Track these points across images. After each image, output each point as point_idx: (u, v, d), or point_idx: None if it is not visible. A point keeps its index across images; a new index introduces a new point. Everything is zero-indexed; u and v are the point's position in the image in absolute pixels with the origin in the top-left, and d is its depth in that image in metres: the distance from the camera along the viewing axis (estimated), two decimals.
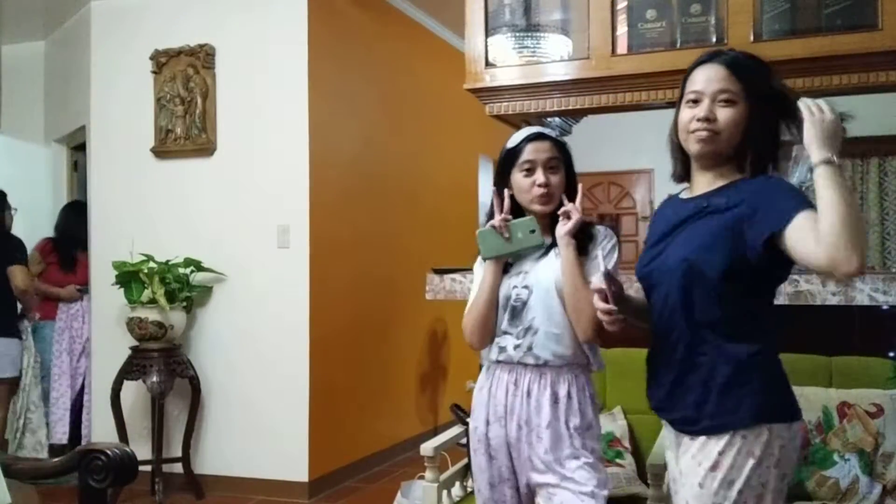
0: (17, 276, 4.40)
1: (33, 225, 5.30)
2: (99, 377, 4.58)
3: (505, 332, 1.99)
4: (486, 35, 3.12)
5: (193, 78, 4.43)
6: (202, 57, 4.41)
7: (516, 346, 1.96)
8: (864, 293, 2.44)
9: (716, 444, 1.59)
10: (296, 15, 4.28)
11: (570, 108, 3.10)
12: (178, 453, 4.30)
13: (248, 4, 4.40)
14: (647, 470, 2.34)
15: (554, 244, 1.97)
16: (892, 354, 2.59)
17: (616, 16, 2.94)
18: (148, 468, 4.14)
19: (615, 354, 2.83)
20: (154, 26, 4.55)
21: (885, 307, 2.52)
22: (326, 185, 4.39)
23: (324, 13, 4.40)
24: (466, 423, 2.71)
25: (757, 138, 1.65)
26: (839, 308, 2.48)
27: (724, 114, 1.63)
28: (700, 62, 1.70)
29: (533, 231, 1.96)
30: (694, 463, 1.62)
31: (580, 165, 2.09)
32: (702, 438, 1.61)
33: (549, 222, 2.01)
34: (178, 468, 4.30)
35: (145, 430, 4.38)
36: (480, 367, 2.10)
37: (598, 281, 1.71)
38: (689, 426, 1.64)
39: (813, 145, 1.48)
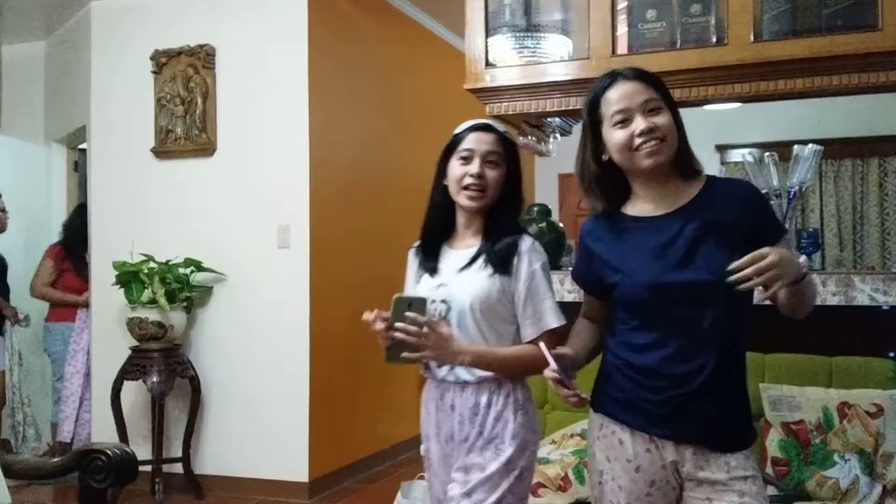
0: None
1: (33, 225, 5.30)
2: (99, 377, 4.58)
3: None
4: (487, 35, 3.12)
5: (194, 78, 4.43)
6: (202, 57, 4.41)
7: (440, 365, 1.89)
8: (865, 293, 2.44)
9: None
10: (296, 15, 4.28)
11: (571, 108, 3.10)
12: (179, 453, 4.31)
13: (248, 5, 4.40)
14: None
15: (478, 256, 1.88)
16: (892, 354, 2.59)
17: (616, 16, 2.94)
18: (148, 468, 4.14)
19: None
20: (154, 26, 4.55)
21: (885, 307, 2.52)
22: (327, 185, 4.39)
23: (324, 13, 4.40)
24: None
25: (686, 138, 1.69)
26: (839, 308, 2.48)
27: (661, 121, 1.63)
28: (603, 87, 1.70)
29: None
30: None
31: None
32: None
33: (478, 220, 1.92)
34: (178, 468, 4.31)
35: (146, 430, 4.39)
36: None
37: (546, 354, 1.61)
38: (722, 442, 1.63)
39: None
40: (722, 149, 7.03)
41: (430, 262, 1.97)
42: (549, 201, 4.18)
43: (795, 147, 2.78)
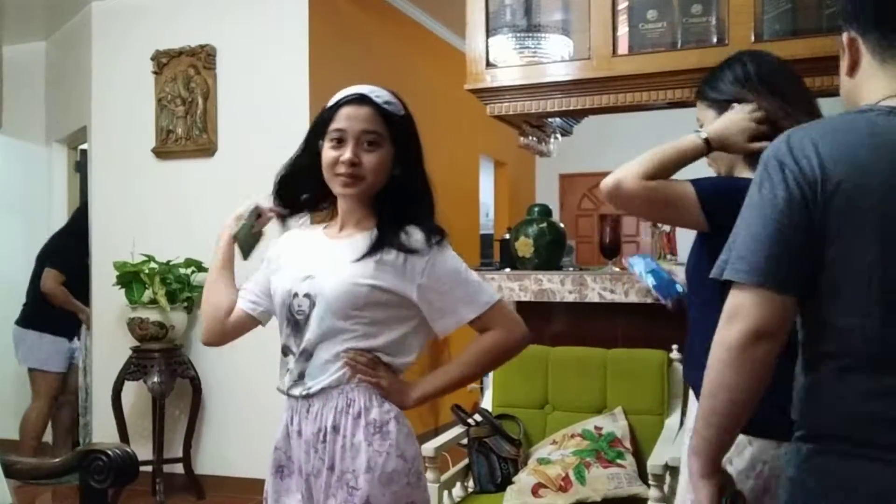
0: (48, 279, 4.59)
1: (33, 225, 5.30)
2: (100, 378, 4.58)
3: (286, 348, 1.70)
4: (487, 35, 3.13)
5: (194, 78, 4.43)
6: (203, 57, 4.41)
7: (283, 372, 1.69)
8: None
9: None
10: (297, 15, 4.28)
11: (571, 108, 3.10)
12: (179, 454, 4.31)
13: (249, 5, 4.40)
14: (647, 470, 2.34)
15: (364, 248, 1.60)
16: None
17: (617, 16, 2.94)
18: (149, 468, 4.14)
19: (616, 354, 2.84)
20: (155, 27, 4.55)
21: None
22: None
23: (325, 14, 4.41)
24: (468, 424, 2.73)
25: None
26: None
27: None
28: None
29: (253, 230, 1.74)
30: None
31: (581, 165, 2.05)
32: None
33: (362, 208, 1.65)
34: (178, 468, 4.31)
35: (146, 430, 4.39)
36: None
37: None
38: None
39: None
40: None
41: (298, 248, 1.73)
42: (550, 201, 4.20)
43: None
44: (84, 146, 5.03)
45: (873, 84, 1.26)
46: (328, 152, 1.62)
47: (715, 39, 2.85)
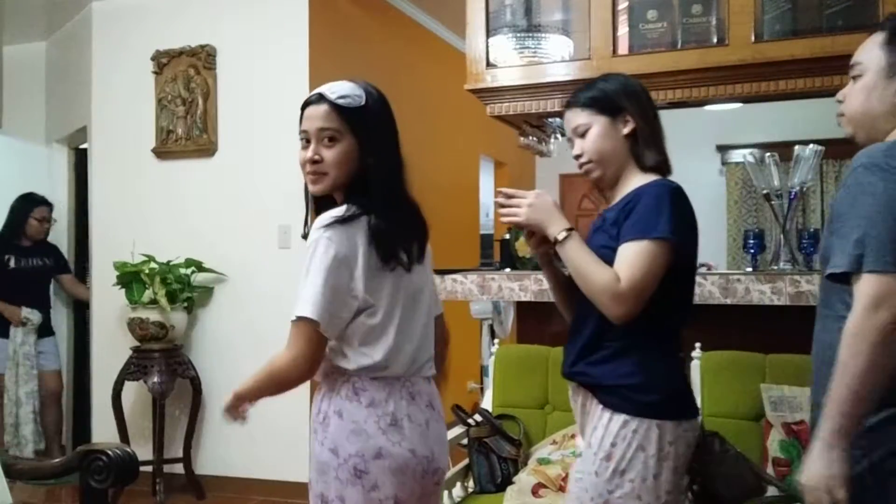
0: None
1: None
2: (100, 378, 4.58)
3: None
4: (487, 35, 3.12)
5: (194, 78, 4.43)
6: (203, 57, 4.41)
7: None
8: None
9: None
10: (297, 15, 4.28)
11: None
12: (179, 454, 4.31)
13: (249, 5, 4.40)
14: None
15: None
16: None
17: (617, 16, 2.94)
18: (149, 468, 4.14)
19: None
20: (155, 27, 4.55)
21: None
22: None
23: (325, 14, 4.41)
24: (468, 424, 2.72)
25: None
26: None
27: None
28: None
29: None
30: None
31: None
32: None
33: (342, 203, 1.67)
34: (178, 468, 4.30)
35: (146, 430, 4.39)
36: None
37: None
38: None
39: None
40: (722, 149, 7.04)
41: None
42: None
43: (796, 147, 2.78)
44: (84, 146, 5.03)
45: None
46: (299, 153, 1.71)
47: (715, 39, 2.85)
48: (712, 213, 6.61)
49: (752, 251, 2.91)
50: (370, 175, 1.66)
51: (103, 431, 4.52)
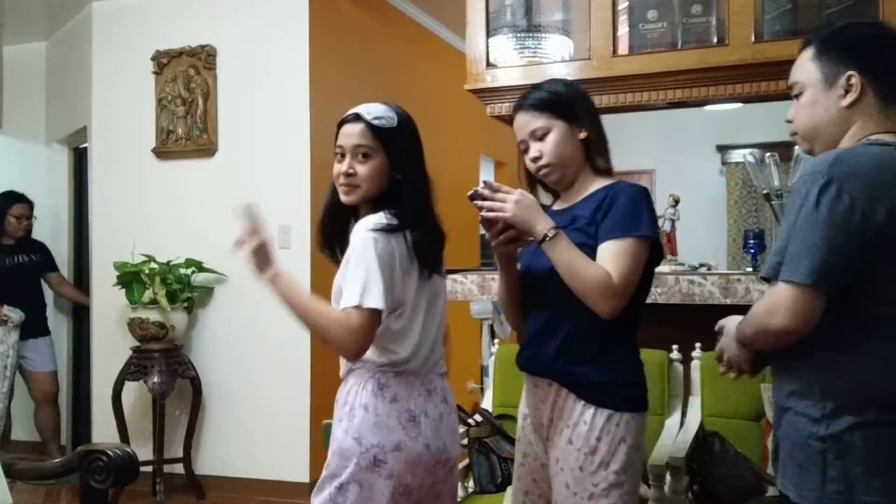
0: None
1: (34, 225, 5.28)
2: (100, 378, 4.58)
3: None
4: (487, 36, 3.12)
5: (194, 78, 4.43)
6: (203, 58, 4.41)
7: None
8: None
9: None
10: (297, 15, 4.28)
11: None
12: (180, 454, 4.30)
13: (249, 5, 4.40)
14: (647, 470, 2.34)
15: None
16: None
17: (617, 16, 2.94)
18: (149, 469, 4.14)
19: None
20: (155, 27, 4.55)
21: None
22: (327, 184, 4.38)
23: (325, 13, 4.40)
24: (468, 424, 2.72)
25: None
26: None
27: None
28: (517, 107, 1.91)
29: None
30: None
31: None
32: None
33: (368, 213, 1.81)
34: (179, 468, 4.30)
35: (146, 430, 4.38)
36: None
37: None
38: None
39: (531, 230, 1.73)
40: (723, 149, 7.03)
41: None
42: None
43: (796, 147, 2.77)
44: (84, 146, 5.03)
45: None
46: (334, 166, 1.86)
47: (715, 39, 2.85)
48: (712, 213, 6.61)
49: (752, 251, 2.92)
50: (402, 190, 1.82)
51: (103, 431, 4.52)
